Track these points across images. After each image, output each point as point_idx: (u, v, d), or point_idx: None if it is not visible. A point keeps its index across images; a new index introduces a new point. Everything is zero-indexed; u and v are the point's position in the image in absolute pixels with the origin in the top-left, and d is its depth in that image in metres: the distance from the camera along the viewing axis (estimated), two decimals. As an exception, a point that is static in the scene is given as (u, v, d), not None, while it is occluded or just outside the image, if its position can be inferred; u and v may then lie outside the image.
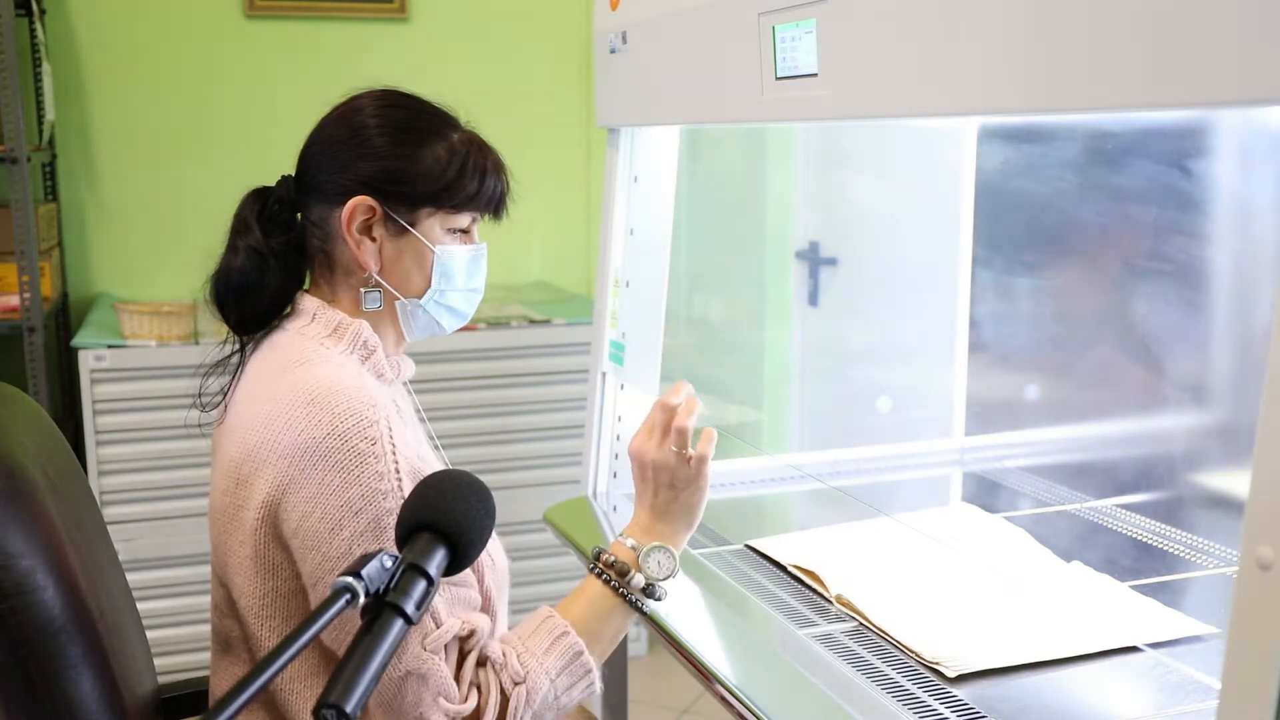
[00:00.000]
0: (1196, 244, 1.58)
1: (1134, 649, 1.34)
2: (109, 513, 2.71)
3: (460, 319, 1.38)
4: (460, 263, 1.34)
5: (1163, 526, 1.68)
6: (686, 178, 2.20)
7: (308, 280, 1.37)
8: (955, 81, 1.12)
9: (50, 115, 3.02)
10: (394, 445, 1.17)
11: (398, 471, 1.16)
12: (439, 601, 1.17)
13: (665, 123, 1.86)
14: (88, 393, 2.69)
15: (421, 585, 0.83)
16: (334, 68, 3.29)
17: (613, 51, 1.83)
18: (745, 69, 1.45)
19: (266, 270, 1.30)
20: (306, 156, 1.34)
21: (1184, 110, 1.45)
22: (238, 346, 1.34)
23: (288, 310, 1.34)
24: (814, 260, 2.77)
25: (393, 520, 1.12)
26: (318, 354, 1.25)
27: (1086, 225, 1.79)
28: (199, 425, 1.35)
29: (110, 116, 3.17)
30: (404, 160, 1.29)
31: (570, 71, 3.50)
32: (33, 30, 2.97)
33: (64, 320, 3.16)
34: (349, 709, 0.73)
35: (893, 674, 1.32)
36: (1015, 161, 1.92)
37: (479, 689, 1.20)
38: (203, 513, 2.80)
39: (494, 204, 1.35)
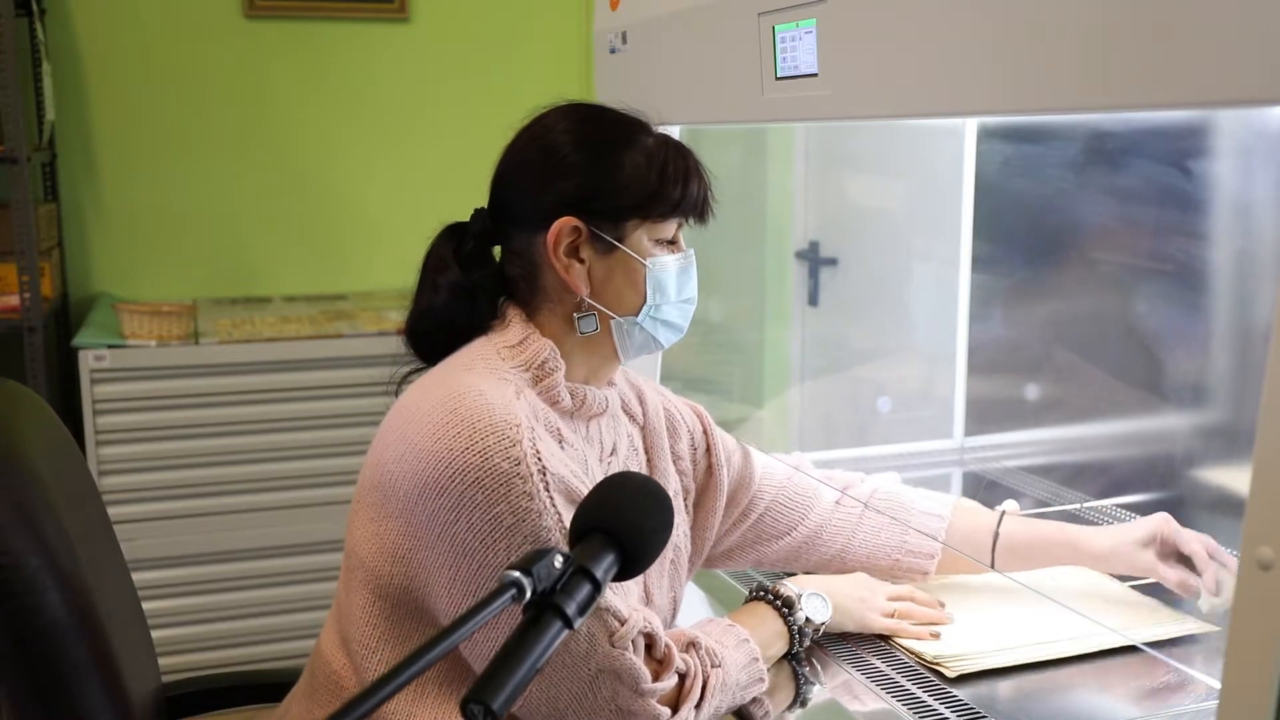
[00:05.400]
0: (1196, 244, 1.58)
1: (1134, 649, 1.35)
2: (108, 513, 2.70)
3: (677, 334, 1.31)
4: (671, 274, 1.27)
5: (1163, 526, 1.68)
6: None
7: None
8: (955, 81, 1.12)
9: (50, 115, 3.02)
10: (542, 465, 1.13)
11: (548, 490, 1.12)
12: (615, 599, 1.15)
13: (665, 123, 1.85)
14: (88, 393, 2.69)
15: (586, 589, 0.79)
16: (334, 68, 3.29)
17: (613, 51, 1.84)
18: (745, 69, 1.46)
19: (469, 306, 1.27)
20: (500, 185, 1.29)
21: (1184, 110, 1.46)
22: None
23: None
24: (814, 260, 2.77)
25: (551, 538, 1.11)
26: (484, 362, 1.22)
27: (1086, 225, 1.79)
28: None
29: (110, 116, 3.17)
30: (603, 173, 1.24)
31: (570, 71, 3.50)
32: (33, 30, 2.97)
33: (64, 320, 3.16)
34: (496, 706, 0.70)
35: (893, 674, 1.32)
36: (1015, 161, 1.91)
37: (682, 674, 1.20)
38: (202, 513, 2.84)
39: (698, 208, 1.29)
